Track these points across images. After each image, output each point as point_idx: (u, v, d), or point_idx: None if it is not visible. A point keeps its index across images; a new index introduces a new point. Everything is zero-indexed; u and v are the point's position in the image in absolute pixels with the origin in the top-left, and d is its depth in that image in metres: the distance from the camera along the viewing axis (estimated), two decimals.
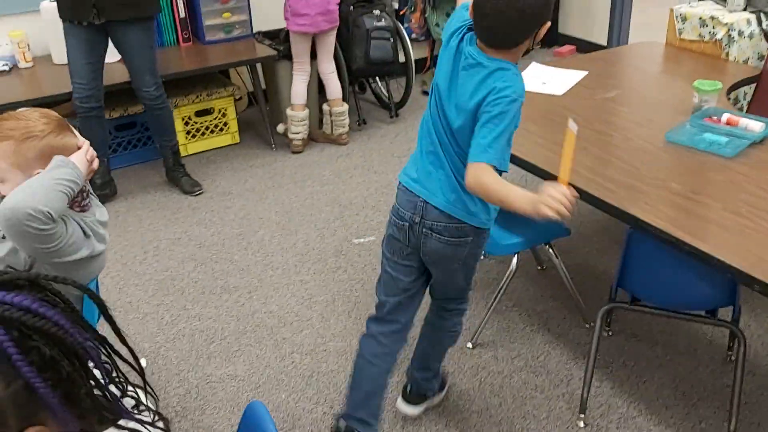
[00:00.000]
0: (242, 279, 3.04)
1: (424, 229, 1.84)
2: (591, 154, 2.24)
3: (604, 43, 5.55)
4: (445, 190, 1.80)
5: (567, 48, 5.82)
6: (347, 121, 4.24)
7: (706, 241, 1.74)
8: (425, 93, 5.06)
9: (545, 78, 2.89)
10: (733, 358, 2.43)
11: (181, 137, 4.07)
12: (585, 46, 5.62)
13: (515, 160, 2.29)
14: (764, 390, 2.33)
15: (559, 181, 1.56)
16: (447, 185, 1.79)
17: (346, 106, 4.22)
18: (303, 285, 2.99)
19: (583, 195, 2.05)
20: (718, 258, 1.68)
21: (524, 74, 2.92)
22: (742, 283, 1.83)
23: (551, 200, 1.51)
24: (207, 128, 4.21)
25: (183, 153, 4.05)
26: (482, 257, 3.06)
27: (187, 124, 4.12)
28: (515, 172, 2.48)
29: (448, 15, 5.07)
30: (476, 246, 1.90)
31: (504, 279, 2.57)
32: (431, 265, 1.95)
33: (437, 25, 5.12)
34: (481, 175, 1.64)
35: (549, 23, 1.68)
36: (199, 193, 3.73)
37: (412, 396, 2.28)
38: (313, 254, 3.20)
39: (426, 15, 5.12)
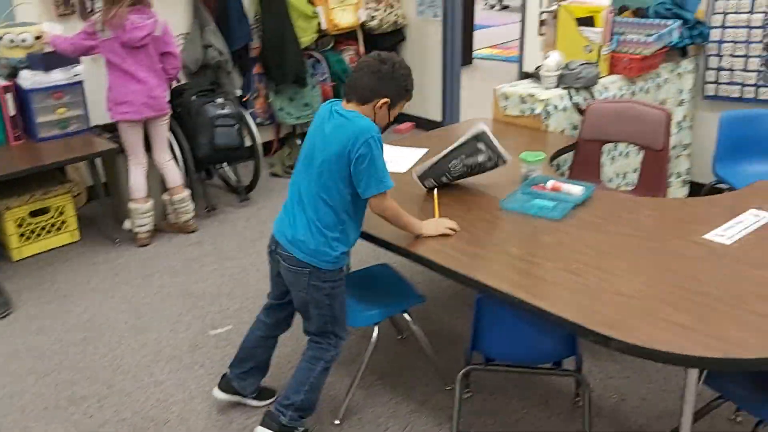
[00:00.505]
0: (90, 387, 2.86)
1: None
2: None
3: (440, 118, 5.93)
4: None
5: (406, 125, 6.15)
6: (191, 207, 4.19)
7: (544, 299, 1.90)
8: (274, 175, 5.13)
9: (389, 157, 3.04)
10: (580, 403, 2.61)
11: (14, 240, 3.85)
12: (423, 123, 5.98)
13: (366, 236, 2.39)
14: (613, 427, 2.51)
15: (437, 216, 2.40)
16: None
17: (186, 192, 4.16)
18: (158, 386, 2.86)
19: (432, 265, 2.17)
20: (555, 314, 1.84)
21: None
22: (579, 335, 2.01)
23: (445, 222, 2.33)
24: (43, 228, 4.00)
25: (17, 257, 3.83)
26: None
27: (20, 226, 3.90)
28: (366, 246, 2.56)
29: (291, 99, 5.23)
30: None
31: (366, 352, 2.62)
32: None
33: (281, 109, 5.26)
34: None
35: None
36: (6, 315, 3.39)
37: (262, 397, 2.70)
38: (167, 352, 3.09)
39: (270, 100, 5.25)
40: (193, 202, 4.22)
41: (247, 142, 4.50)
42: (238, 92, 5.03)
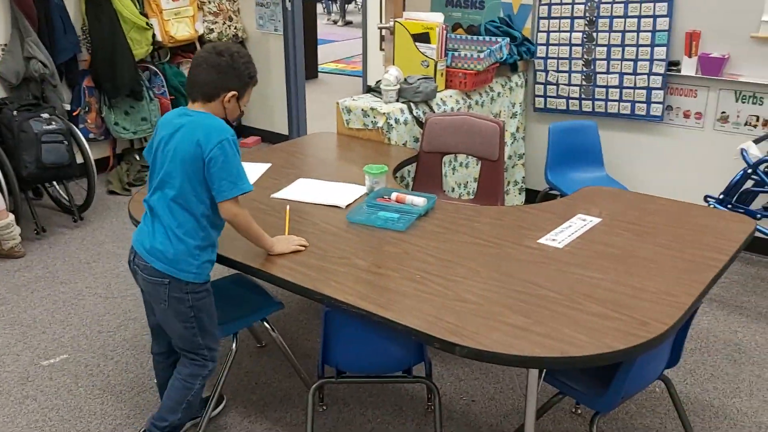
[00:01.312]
0: None
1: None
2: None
3: (287, 132, 5.89)
4: None
5: (252, 139, 6.06)
6: (16, 232, 3.87)
7: (389, 309, 1.92)
8: (111, 193, 4.86)
9: None
10: (432, 408, 2.67)
11: None
12: (269, 137, 5.92)
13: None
14: (465, 428, 2.59)
15: (287, 234, 2.36)
16: None
17: (10, 218, 3.84)
18: None
19: (279, 281, 2.14)
20: (401, 323, 1.86)
21: None
22: (425, 343, 2.05)
23: (294, 239, 2.29)
24: None
25: None
26: None
27: None
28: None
29: (126, 113, 4.98)
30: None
31: (225, 365, 2.53)
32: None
33: (116, 123, 4.99)
34: None
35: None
36: None
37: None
38: None
39: (103, 114, 4.96)
40: (18, 227, 3.89)
41: (79, 159, 4.22)
42: (68, 106, 4.72)
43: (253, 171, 2.99)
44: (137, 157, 5.25)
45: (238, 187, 2.08)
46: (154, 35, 5.02)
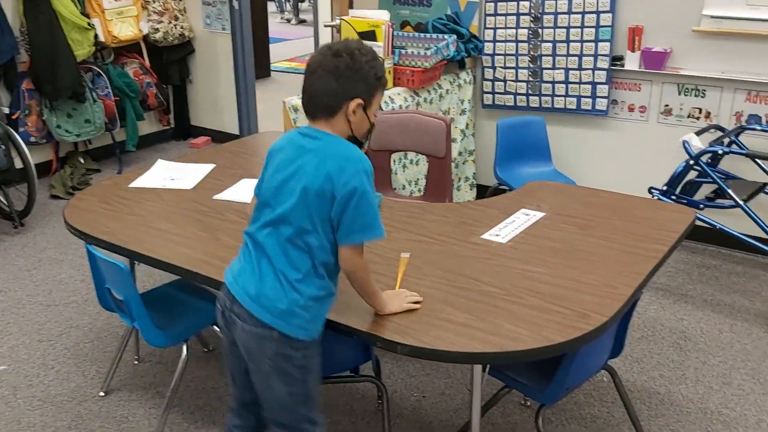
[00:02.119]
0: None
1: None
2: (223, 244, 2.30)
3: (237, 132, 5.82)
4: None
5: (202, 139, 5.97)
6: None
7: (333, 309, 1.88)
8: (54, 197, 4.73)
9: (174, 174, 2.92)
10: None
11: None
12: (220, 136, 5.83)
13: (149, 260, 2.25)
14: (413, 429, 2.57)
15: (397, 288, 1.99)
16: None
17: None
18: None
19: (217, 284, 2.09)
20: (343, 324, 1.84)
21: (151, 172, 2.94)
22: (369, 343, 2.04)
23: (405, 295, 1.92)
24: None
25: None
26: (136, 361, 2.95)
27: None
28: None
29: (69, 116, 4.86)
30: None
31: (176, 374, 2.48)
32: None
33: (59, 126, 4.86)
34: None
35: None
36: None
37: None
38: None
39: (44, 117, 4.83)
40: None
41: (19, 164, 4.10)
42: (6, 110, 4.58)
43: (196, 173, 2.93)
44: (81, 160, 5.13)
45: (369, 232, 1.74)
46: (96, 35, 4.90)
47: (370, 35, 3.63)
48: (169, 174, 2.92)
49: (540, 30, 4.02)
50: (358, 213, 1.70)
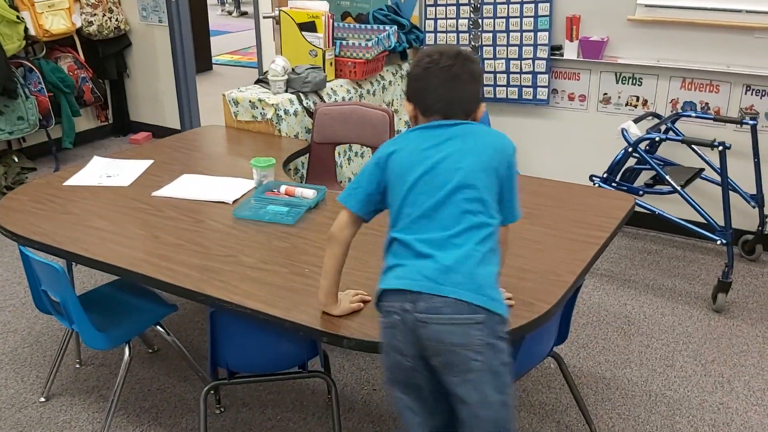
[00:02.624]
0: None
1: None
2: (162, 242, 2.25)
3: (179, 127, 5.70)
4: None
5: (142, 135, 5.83)
6: None
7: (275, 306, 1.87)
8: None
9: (110, 171, 2.83)
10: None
11: None
12: (161, 132, 5.70)
13: (85, 260, 2.18)
14: (364, 422, 2.56)
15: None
16: None
17: None
18: None
19: (158, 283, 2.04)
20: (287, 320, 1.82)
21: (86, 170, 2.85)
22: (314, 338, 2.01)
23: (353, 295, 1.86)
24: None
25: None
26: (78, 365, 2.86)
27: None
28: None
29: (0, 113, 4.67)
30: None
31: (119, 378, 2.41)
32: None
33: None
34: None
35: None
36: None
37: None
38: None
39: None
40: None
41: None
42: None
43: (133, 169, 2.85)
44: (15, 159, 4.94)
45: (518, 211, 1.77)
46: (26, 29, 4.72)
47: (310, 26, 3.59)
48: (106, 171, 2.84)
49: (480, 20, 4.04)
50: (514, 192, 1.73)
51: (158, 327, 2.53)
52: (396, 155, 1.71)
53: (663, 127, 3.57)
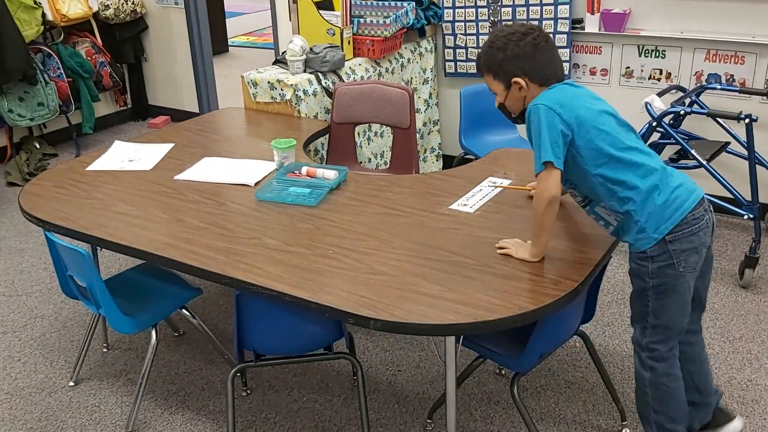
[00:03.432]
0: None
1: None
2: (186, 225, 2.25)
3: (197, 110, 5.70)
4: None
5: (161, 119, 5.84)
6: None
7: (301, 288, 1.87)
8: (11, 184, 4.60)
9: (132, 155, 2.84)
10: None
11: None
12: (179, 115, 5.70)
13: (110, 245, 2.20)
14: (390, 403, 2.57)
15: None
16: None
17: None
18: None
19: (184, 267, 2.05)
20: (313, 301, 1.81)
21: (108, 154, 2.86)
22: (340, 319, 2.01)
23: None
24: None
25: None
26: (105, 349, 2.89)
27: None
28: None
29: (21, 99, 4.70)
30: None
31: (146, 361, 2.44)
32: None
33: (11, 111, 4.70)
34: None
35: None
36: None
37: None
38: None
39: None
40: None
41: None
42: None
43: (155, 153, 2.86)
44: (37, 145, 4.98)
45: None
46: (44, 14, 4.72)
47: (327, 4, 3.55)
48: (127, 155, 2.84)
49: None
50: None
51: (184, 310, 2.55)
52: (580, 101, 1.96)
53: (687, 101, 3.50)
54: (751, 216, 3.16)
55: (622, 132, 1.96)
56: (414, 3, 3.96)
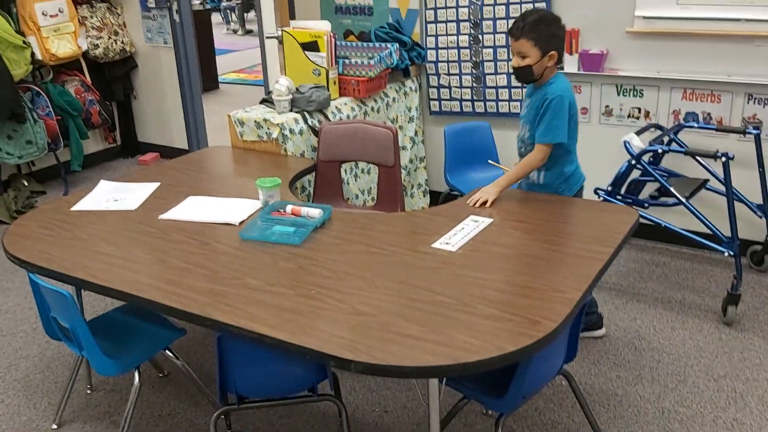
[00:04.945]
0: None
1: None
2: (169, 266, 2.26)
3: (186, 147, 5.73)
4: None
5: (150, 155, 5.87)
6: None
7: (283, 329, 1.87)
8: None
9: (117, 195, 2.85)
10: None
11: None
12: (169, 152, 5.74)
13: (93, 286, 2.20)
14: None
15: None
16: None
17: None
18: None
19: (166, 308, 2.05)
20: (294, 344, 1.81)
21: (93, 194, 2.87)
22: (321, 362, 2.01)
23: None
24: None
25: None
26: (89, 390, 2.87)
27: None
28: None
29: (9, 137, 4.72)
30: None
31: (129, 403, 2.43)
32: None
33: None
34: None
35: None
36: None
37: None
38: None
39: None
40: None
41: None
42: None
43: (140, 192, 2.87)
44: (25, 183, 4.99)
45: None
46: (33, 54, 4.77)
47: (313, 46, 3.61)
48: (113, 195, 2.86)
49: (480, 36, 4.06)
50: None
51: (167, 351, 2.54)
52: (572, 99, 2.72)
53: (666, 139, 3.56)
54: (732, 253, 3.19)
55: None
56: (398, 44, 4.03)
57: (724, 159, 3.10)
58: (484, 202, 2.62)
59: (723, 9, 3.46)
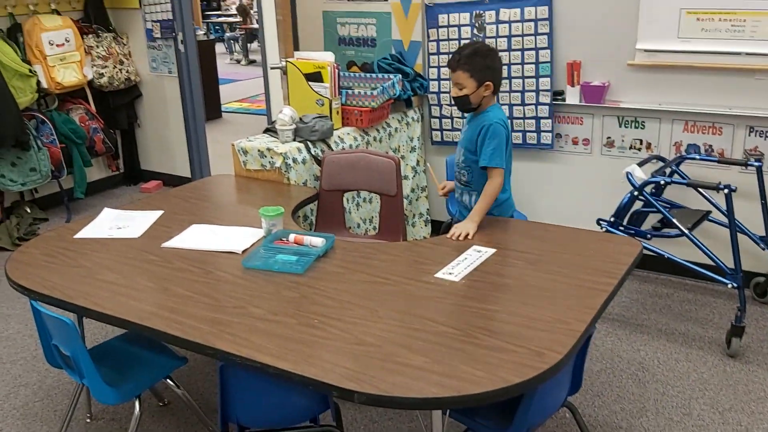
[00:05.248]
0: None
1: None
2: (172, 294, 2.25)
3: (189, 175, 5.75)
4: None
5: (153, 183, 5.89)
6: None
7: (286, 359, 1.86)
8: (1, 249, 4.59)
9: (120, 222, 2.86)
10: None
11: None
12: (172, 180, 5.77)
13: (95, 314, 2.19)
14: None
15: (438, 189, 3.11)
16: None
17: None
18: None
19: (168, 337, 2.04)
20: (297, 373, 1.80)
21: (97, 222, 2.88)
22: (323, 392, 2.00)
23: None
24: None
25: None
26: (89, 419, 2.84)
27: None
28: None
29: (13, 164, 4.75)
30: None
31: (131, 427, 2.40)
32: None
33: (3, 176, 4.75)
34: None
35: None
36: None
37: None
38: None
39: None
40: None
41: None
42: None
43: (143, 220, 2.88)
44: (28, 210, 5.00)
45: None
46: (39, 82, 4.82)
47: (316, 76, 3.65)
48: (116, 223, 2.86)
49: None
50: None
51: (168, 380, 2.52)
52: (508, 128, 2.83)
53: (668, 170, 3.58)
54: (735, 285, 3.18)
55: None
56: (400, 75, 4.07)
57: (726, 191, 3.11)
58: (467, 235, 2.64)
59: (723, 43, 3.50)
